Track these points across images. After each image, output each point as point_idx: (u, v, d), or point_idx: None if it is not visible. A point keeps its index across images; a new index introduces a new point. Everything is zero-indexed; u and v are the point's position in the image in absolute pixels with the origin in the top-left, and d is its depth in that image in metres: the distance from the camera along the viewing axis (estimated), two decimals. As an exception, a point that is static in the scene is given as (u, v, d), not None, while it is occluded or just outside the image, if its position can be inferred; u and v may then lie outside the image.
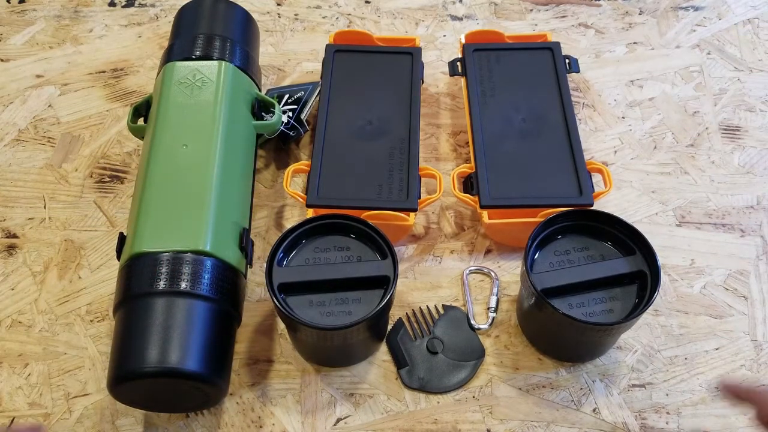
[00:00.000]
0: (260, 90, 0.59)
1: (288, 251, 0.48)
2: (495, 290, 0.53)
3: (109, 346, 0.44)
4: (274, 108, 0.57)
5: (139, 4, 0.75)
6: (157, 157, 0.50)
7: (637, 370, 0.49)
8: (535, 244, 0.48)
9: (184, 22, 0.60)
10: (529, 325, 0.51)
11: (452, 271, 0.55)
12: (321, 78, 0.61)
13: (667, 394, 0.48)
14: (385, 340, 0.51)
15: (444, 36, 0.72)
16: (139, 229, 0.46)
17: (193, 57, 0.55)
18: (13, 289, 0.54)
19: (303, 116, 0.61)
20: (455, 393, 0.49)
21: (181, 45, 0.56)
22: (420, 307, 0.53)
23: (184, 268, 0.44)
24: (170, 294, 0.44)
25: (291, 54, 0.70)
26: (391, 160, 0.56)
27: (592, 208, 0.51)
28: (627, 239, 0.47)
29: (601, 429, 0.47)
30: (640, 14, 0.73)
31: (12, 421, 0.46)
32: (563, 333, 0.47)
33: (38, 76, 0.68)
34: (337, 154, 0.56)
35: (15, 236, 0.57)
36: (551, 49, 0.62)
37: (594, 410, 0.48)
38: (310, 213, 0.52)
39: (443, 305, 0.53)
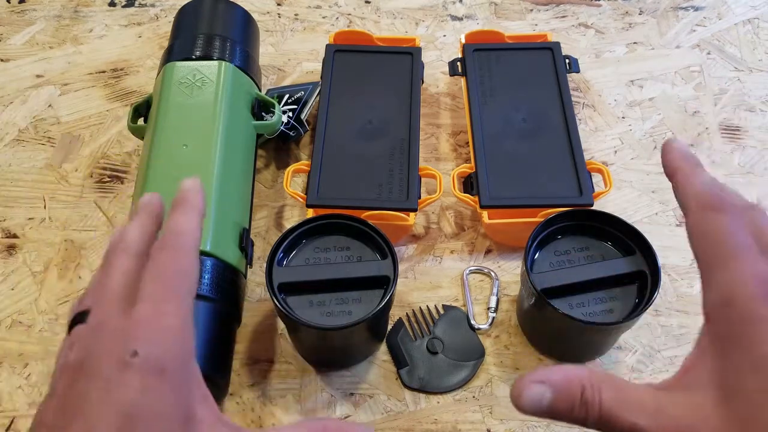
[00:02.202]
0: (260, 90, 0.59)
1: (288, 251, 0.48)
2: (495, 290, 0.53)
3: (109, 346, 0.44)
4: (274, 108, 0.57)
5: (139, 4, 0.75)
6: (157, 157, 0.50)
7: (637, 370, 0.49)
8: (535, 244, 0.48)
9: (184, 22, 0.60)
10: (529, 325, 0.51)
11: (452, 271, 0.55)
12: (321, 78, 0.61)
13: (667, 394, 0.48)
14: (385, 340, 0.51)
15: (444, 36, 0.72)
16: (139, 229, 0.46)
17: (193, 57, 0.55)
18: (13, 289, 0.54)
19: (303, 116, 0.61)
20: (455, 393, 0.49)
21: (181, 45, 0.56)
22: (420, 307, 0.53)
23: (184, 268, 0.44)
24: (170, 294, 0.44)
25: (291, 54, 0.70)
26: (391, 160, 0.56)
27: (592, 208, 0.51)
28: (627, 239, 0.47)
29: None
30: (640, 14, 0.73)
31: None
32: (563, 333, 0.47)
33: (38, 76, 0.68)
34: (337, 154, 0.56)
35: (15, 236, 0.57)
36: (551, 49, 0.62)
37: (594, 410, 0.48)
38: (310, 213, 0.52)
39: (443, 305, 0.53)
